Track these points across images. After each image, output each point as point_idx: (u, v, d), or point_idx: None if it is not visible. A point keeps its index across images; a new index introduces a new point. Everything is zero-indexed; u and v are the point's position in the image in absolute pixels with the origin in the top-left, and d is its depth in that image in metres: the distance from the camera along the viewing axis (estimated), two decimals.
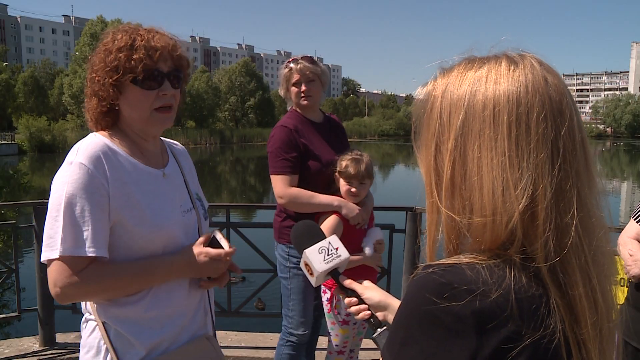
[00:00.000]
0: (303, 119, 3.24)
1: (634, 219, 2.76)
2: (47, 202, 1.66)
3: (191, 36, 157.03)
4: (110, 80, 1.68)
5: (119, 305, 1.70)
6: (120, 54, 1.67)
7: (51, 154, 56.33)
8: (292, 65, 3.19)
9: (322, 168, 3.13)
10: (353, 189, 3.04)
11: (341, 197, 3.07)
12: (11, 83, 72.00)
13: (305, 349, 3.40)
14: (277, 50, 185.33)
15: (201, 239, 1.81)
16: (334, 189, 3.13)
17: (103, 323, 1.72)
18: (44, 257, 1.63)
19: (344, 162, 3.03)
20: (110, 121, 1.77)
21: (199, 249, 1.78)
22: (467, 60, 0.95)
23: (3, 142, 56.98)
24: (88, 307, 1.76)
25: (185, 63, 1.82)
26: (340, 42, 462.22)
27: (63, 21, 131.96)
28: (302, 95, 3.18)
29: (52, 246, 1.61)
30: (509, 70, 0.88)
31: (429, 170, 0.95)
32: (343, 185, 3.05)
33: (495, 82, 0.88)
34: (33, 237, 4.55)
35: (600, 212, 0.88)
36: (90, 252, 1.60)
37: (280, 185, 3.09)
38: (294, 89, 3.20)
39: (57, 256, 1.59)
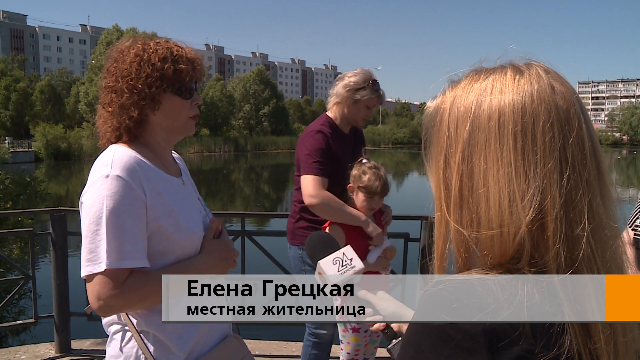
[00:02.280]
0: (336, 128, 3.30)
1: (629, 227, 2.71)
2: (64, 210, 1.68)
3: (206, 44, 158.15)
4: (157, 89, 1.71)
5: (158, 313, 1.69)
6: (166, 64, 1.71)
7: (67, 162, 57.02)
8: (380, 91, 3.27)
9: (342, 177, 3.15)
10: (374, 205, 3.04)
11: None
12: (29, 91, 72.93)
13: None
14: (291, 59, 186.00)
15: (209, 233, 1.86)
16: (344, 199, 3.10)
17: (140, 332, 1.72)
18: (86, 272, 1.61)
19: (366, 177, 3.01)
20: (141, 131, 1.79)
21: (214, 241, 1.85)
22: (475, 71, 0.94)
23: (20, 149, 57.65)
24: (121, 317, 1.75)
25: (203, 75, 1.87)
26: (353, 50, 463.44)
27: (80, 30, 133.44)
28: (365, 118, 3.31)
29: (94, 260, 1.60)
30: (514, 80, 0.87)
31: (438, 184, 0.94)
32: (363, 199, 3.02)
33: (500, 92, 0.87)
34: (49, 244, 4.59)
35: (615, 224, 0.86)
36: (134, 264, 1.61)
37: (314, 185, 3.07)
38: (365, 110, 3.27)
39: (103, 270, 1.58)
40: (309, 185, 3.08)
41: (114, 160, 1.65)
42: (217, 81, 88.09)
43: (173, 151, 2.06)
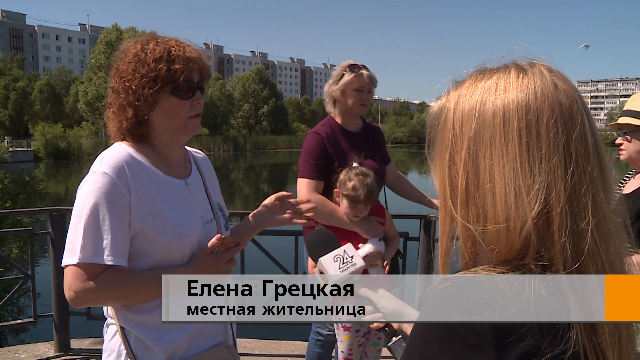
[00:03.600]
0: (339, 128, 3.24)
1: None
2: (63, 209, 1.70)
3: (205, 44, 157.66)
4: (150, 90, 1.71)
5: (138, 312, 1.73)
6: (160, 65, 1.70)
7: (66, 161, 57.02)
8: (357, 70, 3.18)
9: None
10: (358, 213, 2.93)
11: None
12: (28, 91, 72.87)
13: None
14: (291, 58, 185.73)
15: (207, 247, 1.79)
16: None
17: (123, 328, 1.75)
18: (64, 262, 1.66)
19: (351, 184, 2.89)
20: (142, 131, 1.80)
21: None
22: (478, 71, 0.95)
23: (19, 148, 57.65)
24: (109, 312, 1.79)
25: (209, 73, 1.86)
26: (352, 49, 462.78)
27: (79, 29, 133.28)
28: (362, 102, 3.22)
29: (71, 252, 1.64)
30: (518, 78, 0.89)
31: (443, 181, 0.95)
32: (347, 206, 2.94)
33: (504, 91, 0.88)
34: (49, 243, 4.59)
35: (617, 218, 0.87)
36: (108, 260, 1.63)
37: (305, 189, 3.08)
38: (354, 94, 3.20)
39: (76, 262, 1.63)
40: (301, 190, 3.10)
41: (104, 157, 1.70)
42: (216, 80, 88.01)
43: (197, 151, 2.08)
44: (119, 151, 1.72)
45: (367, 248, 2.96)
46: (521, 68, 0.91)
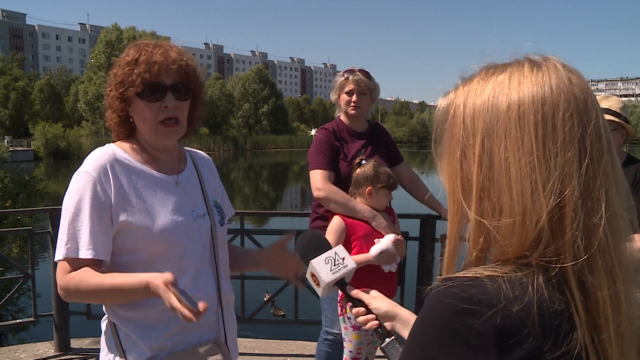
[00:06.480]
0: (345, 127, 3.43)
1: None
2: None
3: (205, 43, 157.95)
4: (117, 93, 1.77)
5: (126, 308, 1.77)
6: (126, 69, 1.76)
7: (66, 161, 56.82)
8: (349, 75, 3.38)
9: (346, 173, 3.24)
10: (390, 198, 3.12)
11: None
12: (28, 90, 72.73)
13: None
14: (291, 57, 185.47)
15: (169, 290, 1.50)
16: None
17: (114, 323, 1.81)
18: (55, 259, 1.75)
19: (383, 175, 3.04)
20: (126, 131, 1.86)
21: (168, 295, 1.50)
22: (488, 67, 0.94)
23: (19, 148, 57.52)
24: (104, 307, 1.85)
25: (191, 72, 1.83)
26: (353, 49, 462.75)
27: (79, 29, 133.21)
28: (352, 104, 3.36)
29: (59, 249, 1.72)
30: (532, 72, 0.88)
31: (453, 177, 0.94)
32: (385, 195, 3.07)
33: (519, 84, 0.87)
34: (49, 242, 4.59)
35: (627, 214, 0.87)
36: (87, 254, 1.69)
37: (319, 178, 3.21)
38: (344, 97, 3.38)
39: (61, 258, 1.71)
40: (315, 180, 3.22)
41: (89, 157, 1.79)
42: (216, 80, 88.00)
43: (199, 151, 2.12)
44: (103, 150, 1.80)
45: (383, 244, 2.97)
46: (534, 62, 0.90)
